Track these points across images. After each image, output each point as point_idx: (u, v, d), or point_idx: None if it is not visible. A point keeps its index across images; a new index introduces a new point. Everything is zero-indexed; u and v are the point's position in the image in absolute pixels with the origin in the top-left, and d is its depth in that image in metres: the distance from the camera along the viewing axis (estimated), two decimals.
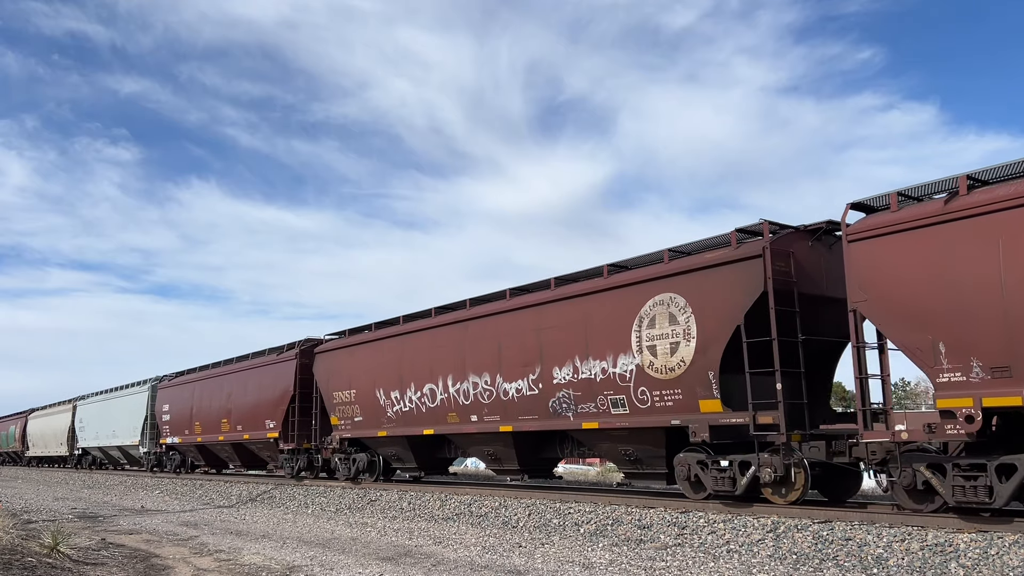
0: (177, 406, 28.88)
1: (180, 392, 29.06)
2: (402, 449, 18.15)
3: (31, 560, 8.74)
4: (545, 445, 15.25)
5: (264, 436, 22.61)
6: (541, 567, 9.14)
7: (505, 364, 14.73)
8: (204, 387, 27.04)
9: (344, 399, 19.41)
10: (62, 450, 42.30)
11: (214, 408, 25.79)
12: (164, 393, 30.48)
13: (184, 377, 29.32)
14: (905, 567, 8.15)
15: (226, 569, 9.54)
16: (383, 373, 18.07)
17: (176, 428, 28.81)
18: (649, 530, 10.93)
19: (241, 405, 24.18)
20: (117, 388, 35.59)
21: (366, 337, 19.11)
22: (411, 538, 12.06)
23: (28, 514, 17.19)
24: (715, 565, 8.94)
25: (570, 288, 13.98)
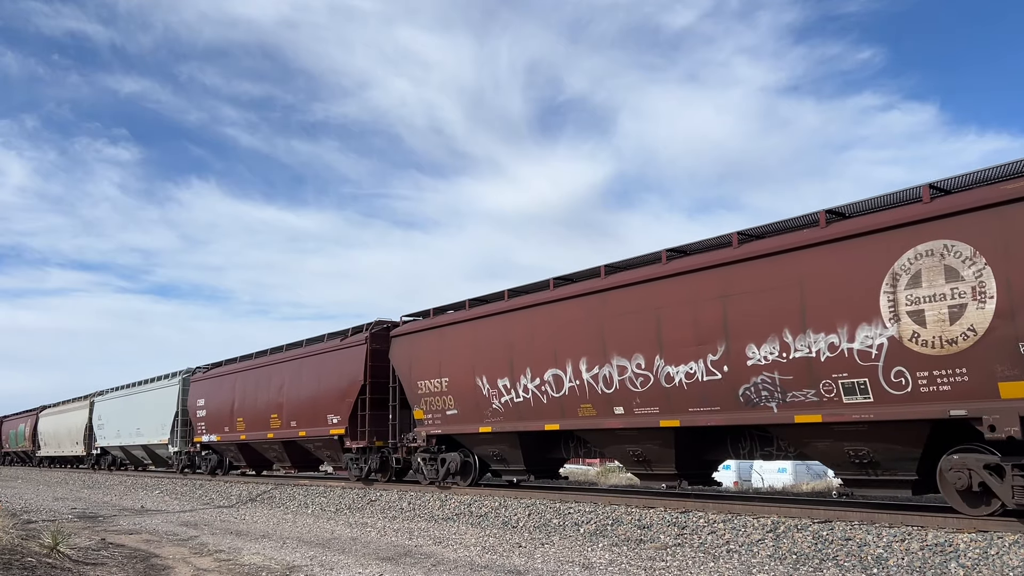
0: (215, 400, 25.82)
1: (218, 385, 25.90)
2: (509, 448, 15.27)
3: (31, 560, 8.74)
4: (715, 445, 12.44)
5: (325, 433, 19.77)
6: (541, 567, 9.14)
7: (668, 342, 11.73)
8: (249, 379, 23.95)
9: (432, 389, 16.60)
10: (77, 450, 39.43)
11: (262, 402, 22.86)
12: (198, 387, 27.31)
13: (223, 368, 26.26)
14: (905, 567, 8.15)
15: (226, 569, 9.53)
16: (486, 358, 15.12)
17: (214, 425, 25.71)
18: (649, 530, 10.92)
19: (296, 398, 21.25)
20: (142, 382, 32.85)
21: (461, 316, 16.09)
22: (411, 538, 12.05)
23: (28, 514, 17.19)
24: (715, 565, 8.94)
25: (771, 243, 10.79)
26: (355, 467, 19.45)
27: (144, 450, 31.76)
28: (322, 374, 20.24)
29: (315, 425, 20.25)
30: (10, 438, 53.13)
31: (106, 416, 35.49)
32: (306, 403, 20.76)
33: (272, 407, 22.20)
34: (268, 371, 23.08)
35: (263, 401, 22.83)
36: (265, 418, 22.54)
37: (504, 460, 15.71)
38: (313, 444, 21.14)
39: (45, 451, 44.97)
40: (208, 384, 26.72)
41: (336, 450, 20.13)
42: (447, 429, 16.39)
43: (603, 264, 13.39)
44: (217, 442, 25.79)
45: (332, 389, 19.69)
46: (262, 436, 22.90)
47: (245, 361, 25.10)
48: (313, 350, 21.06)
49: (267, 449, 23.69)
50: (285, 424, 21.56)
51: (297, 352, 21.95)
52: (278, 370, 22.52)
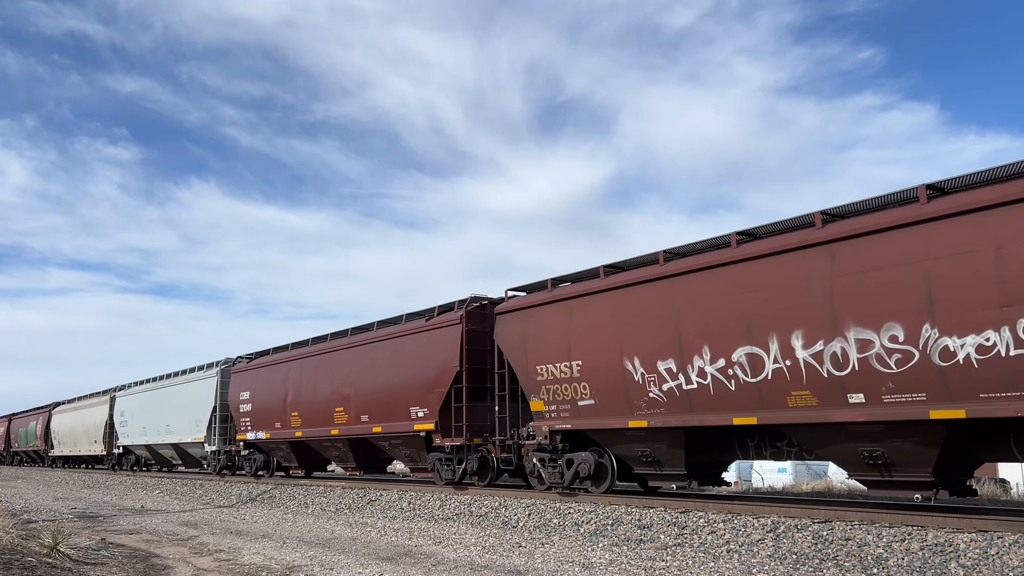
0: (263, 393, 22.79)
1: (267, 376, 22.74)
2: (667, 447, 12.39)
3: (31, 560, 8.74)
4: (998, 444, 9.49)
5: (407, 429, 16.90)
6: (541, 567, 9.14)
7: (947, 305, 8.86)
8: (306, 368, 20.99)
9: (557, 375, 13.75)
10: (96, 448, 36.26)
11: (323, 394, 19.96)
12: (242, 378, 24.23)
13: (272, 357, 23.15)
14: (905, 567, 8.15)
15: (226, 569, 9.53)
16: (640, 335, 12.26)
17: (261, 421, 22.67)
18: (649, 530, 10.92)
19: (368, 389, 18.35)
20: (172, 374, 29.71)
21: (597, 285, 13.25)
22: (411, 538, 12.05)
23: (28, 514, 17.19)
24: (715, 565, 8.94)
25: None
26: (445, 469, 16.41)
27: (174, 449, 28.89)
28: (402, 361, 17.31)
29: (393, 420, 17.39)
30: (20, 437, 50.07)
31: (129, 412, 32.47)
32: (382, 395, 17.89)
33: (337, 399, 19.42)
34: (331, 359, 20.08)
35: (325, 393, 19.93)
36: (327, 412, 19.72)
37: (656, 463, 12.72)
38: (389, 442, 18.16)
39: (59, 450, 41.82)
40: (254, 375, 23.60)
41: (418, 448, 17.37)
42: (579, 423, 13.46)
43: (817, 211, 10.43)
44: (266, 440, 22.68)
45: (416, 378, 16.79)
46: (323, 433, 19.96)
47: (299, 348, 22.03)
48: (389, 333, 18.18)
49: (328, 448, 20.77)
50: (354, 419, 18.76)
51: (368, 336, 18.94)
52: (344, 357, 19.51)
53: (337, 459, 20.98)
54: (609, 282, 13.04)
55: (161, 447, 29.83)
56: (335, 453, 20.79)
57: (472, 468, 15.92)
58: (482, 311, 16.01)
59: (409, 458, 18.10)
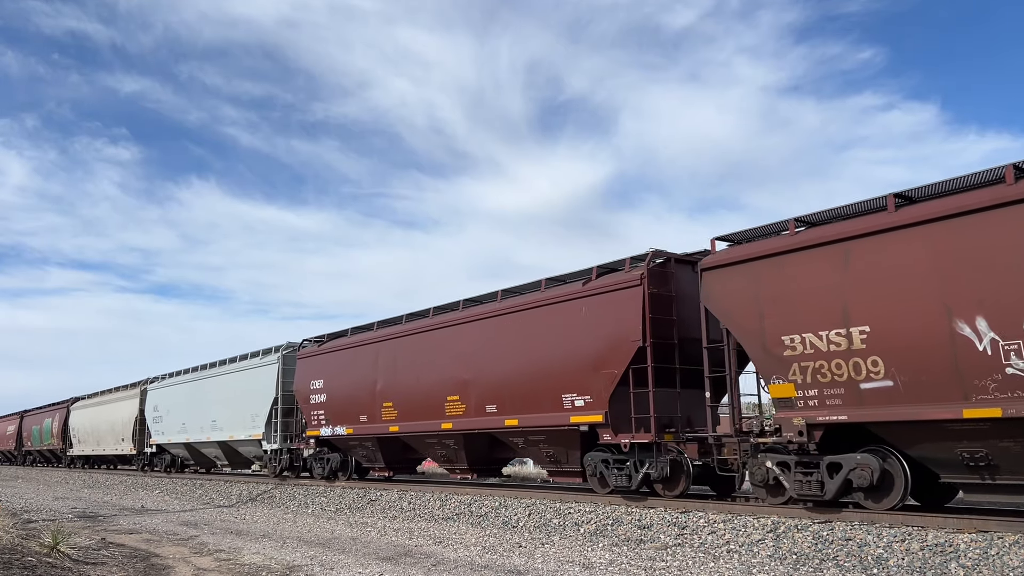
0: (343, 381, 19.39)
1: (348, 361, 19.31)
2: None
3: (31, 560, 8.74)
4: None
5: (560, 422, 13.33)
6: (541, 567, 9.14)
7: None
8: (405, 349, 17.40)
9: (822, 347, 10.12)
10: (123, 448, 32.85)
11: (429, 380, 16.41)
12: (311, 364, 20.75)
13: (353, 338, 19.61)
14: (905, 567, 8.15)
15: (226, 569, 9.54)
16: (988, 284, 8.70)
17: (340, 413, 19.24)
18: (649, 530, 10.92)
19: (497, 373, 14.78)
20: (219, 362, 26.21)
21: (895, 220, 9.58)
22: (411, 538, 12.06)
23: (28, 513, 17.20)
24: (715, 565, 8.94)
25: None
26: (615, 473, 12.75)
27: (221, 448, 25.40)
28: (551, 336, 13.72)
29: (536, 410, 13.86)
30: (33, 435, 46.11)
31: (165, 406, 29.07)
32: (519, 379, 14.31)
33: (449, 387, 15.86)
34: (440, 337, 16.42)
35: (432, 379, 16.36)
36: (435, 402, 16.18)
37: (990, 468, 8.99)
38: (525, 438, 14.45)
39: (79, 449, 38.24)
40: (329, 360, 20.06)
41: (569, 447, 13.69)
42: (860, 414, 9.81)
43: None
44: (347, 436, 19.05)
45: (573, 357, 13.22)
46: (429, 427, 16.35)
47: (392, 325, 18.50)
48: (527, 302, 14.47)
49: (432, 446, 17.00)
50: (474, 410, 15.23)
51: (495, 307, 15.15)
52: (459, 335, 15.87)
53: (445, 459, 17.09)
54: (918, 213, 9.42)
55: (204, 446, 26.45)
56: (441, 452, 16.91)
57: (662, 473, 12.16)
58: (663, 270, 12.66)
59: (552, 459, 14.27)
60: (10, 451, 51.79)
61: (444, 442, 16.46)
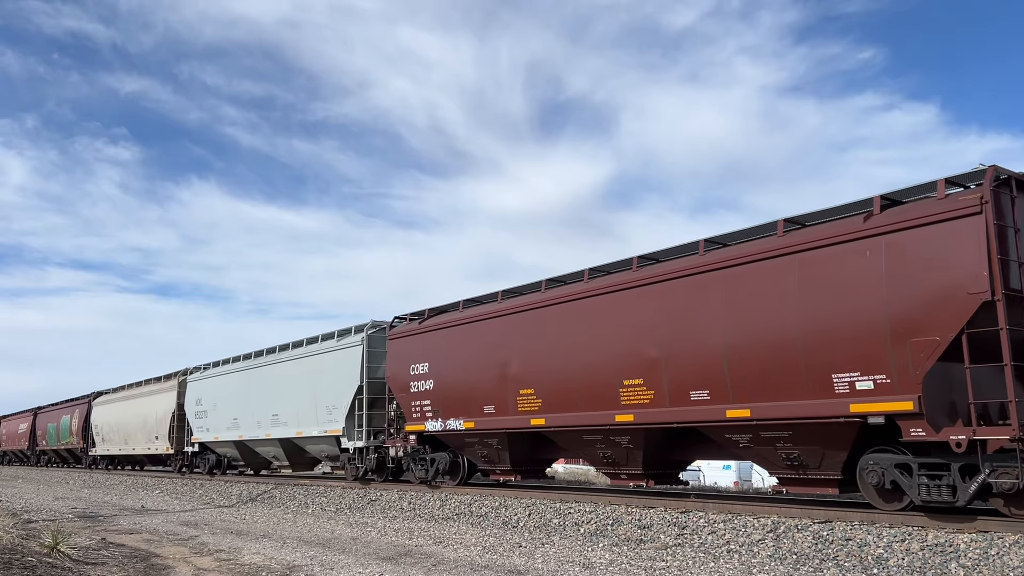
0: (456, 364, 15.85)
1: (465, 338, 15.70)
2: None
3: (31, 560, 8.74)
4: None
5: (834, 411, 9.72)
6: (541, 567, 9.14)
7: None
8: (550, 321, 13.76)
9: None
10: (157, 446, 29.44)
11: (593, 359, 12.86)
12: (409, 345, 17.15)
13: (471, 311, 15.79)
14: (905, 567, 8.15)
15: (226, 569, 9.54)
16: None
17: (454, 404, 15.78)
18: (649, 530, 10.93)
19: (708, 348, 11.17)
20: (284, 347, 22.36)
21: None
22: (411, 538, 12.06)
23: (28, 514, 17.20)
24: (715, 565, 8.94)
25: None
26: (927, 484, 9.13)
27: (283, 447, 21.93)
28: (810, 293, 10.05)
29: (786, 396, 10.26)
30: (49, 434, 42.43)
31: (210, 399, 25.72)
32: (750, 355, 10.69)
33: (627, 367, 12.30)
34: (606, 304, 12.81)
35: (597, 358, 12.84)
36: (605, 388, 12.61)
37: None
38: (755, 434, 10.82)
39: (103, 448, 34.82)
40: (436, 340, 16.50)
41: (834, 446, 10.08)
42: None
43: None
44: (464, 432, 15.50)
45: (852, 320, 9.60)
46: (597, 420, 12.80)
47: (526, 294, 14.77)
48: (755, 252, 10.83)
49: (593, 444, 13.24)
50: (670, 397, 11.66)
51: (694, 263, 11.57)
52: (637, 300, 12.27)
53: (604, 461, 13.31)
54: None
55: (261, 444, 23.00)
56: (603, 452, 13.14)
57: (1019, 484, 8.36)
58: (1006, 193, 8.97)
59: (793, 463, 10.60)
60: (22, 451, 48.39)
61: (614, 439, 12.80)
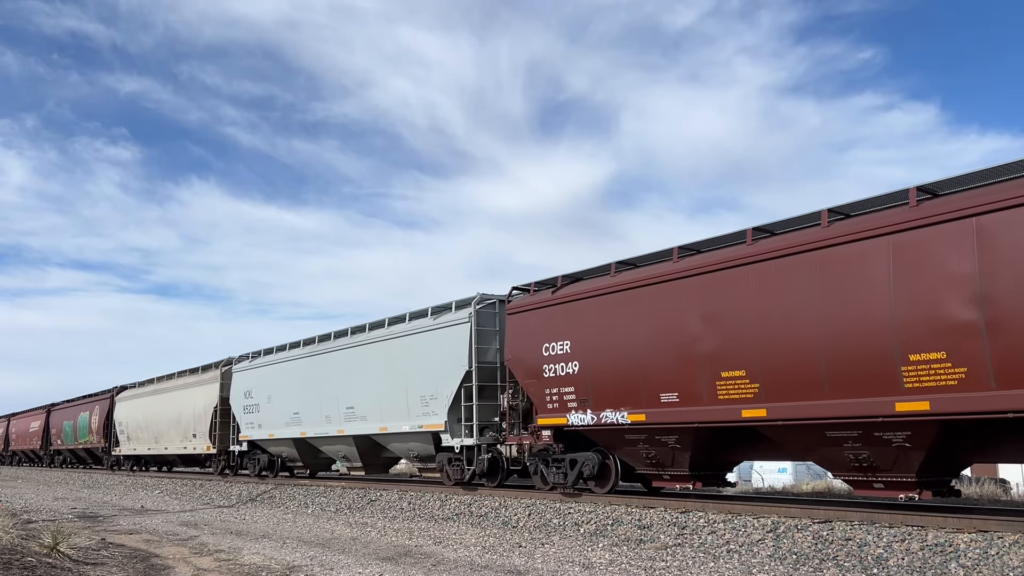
0: (612, 341, 12.53)
1: (624, 309, 12.36)
2: None
3: (31, 560, 8.74)
4: None
5: None
6: (541, 567, 9.14)
7: None
8: (760, 282, 10.52)
9: None
10: (195, 445, 26.15)
11: (841, 327, 9.56)
12: (539, 320, 13.93)
13: (628, 276, 12.54)
14: (905, 567, 8.15)
15: (226, 569, 9.54)
16: None
17: (608, 391, 12.55)
18: (649, 530, 10.93)
19: None
20: (362, 328, 18.98)
21: None
22: (411, 538, 12.06)
23: (28, 514, 17.19)
24: (715, 565, 8.94)
25: None
26: None
27: (358, 445, 18.74)
28: None
29: None
30: (64, 432, 39.36)
31: (263, 391, 22.49)
32: None
33: (919, 335, 8.93)
34: (870, 250, 9.43)
35: (865, 323, 9.39)
36: (876, 364, 9.28)
37: None
38: None
39: (129, 448, 31.97)
40: (579, 312, 13.20)
41: None
42: None
43: None
44: (628, 426, 12.22)
45: None
46: (861, 409, 9.45)
47: (729, 247, 11.27)
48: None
49: (840, 441, 9.94)
50: (998, 374, 8.32)
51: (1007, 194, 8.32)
52: (941, 238, 8.79)
53: (852, 464, 10.01)
54: None
55: (329, 442, 19.87)
56: (856, 452, 9.86)
57: None
58: None
59: None
60: (33, 451, 45.22)
61: (882, 435, 9.52)
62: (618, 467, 13.30)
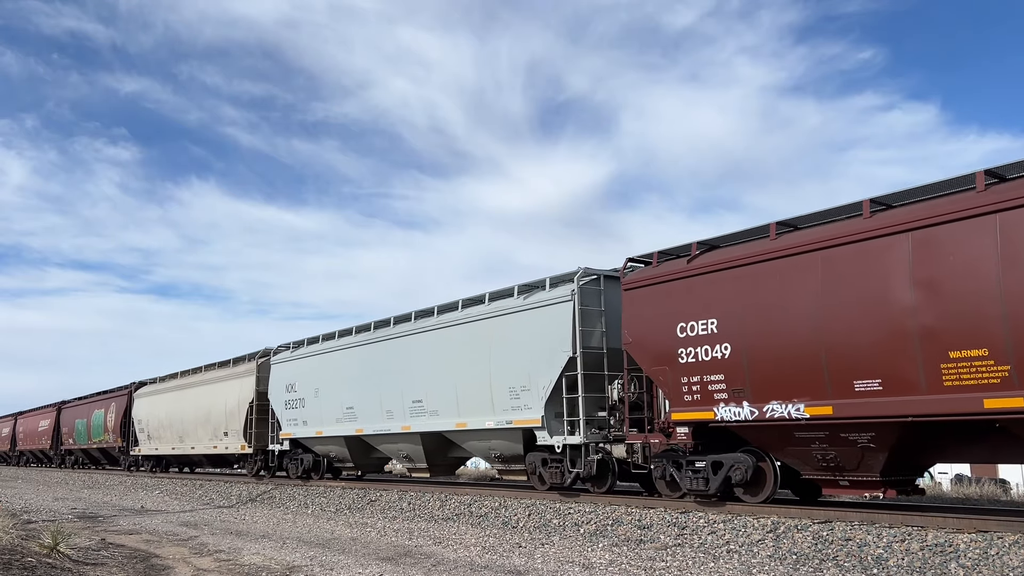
0: (780, 316, 10.24)
1: (792, 277, 10.14)
2: None
3: (31, 560, 8.74)
4: None
5: None
6: (541, 567, 9.14)
7: None
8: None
9: None
10: (227, 444, 24.05)
11: None
12: (672, 294, 11.71)
13: (792, 239, 10.35)
14: (905, 567, 8.15)
15: (226, 569, 9.54)
16: None
17: (770, 379, 10.37)
18: (649, 530, 10.93)
19: None
20: (417, 314, 17.14)
21: None
22: (411, 538, 12.06)
23: (28, 514, 17.19)
24: (715, 565, 8.94)
25: None
26: None
27: (424, 443, 16.77)
28: None
29: None
30: (77, 431, 36.99)
31: (309, 384, 20.32)
32: None
33: None
34: None
35: None
36: None
37: None
38: None
39: (150, 447, 29.75)
40: (732, 282, 10.90)
41: None
42: None
43: None
44: (805, 420, 10.02)
45: None
46: None
47: (954, 194, 9.06)
48: None
49: None
50: None
51: None
52: None
53: None
54: None
55: (390, 440, 17.72)
56: None
57: None
58: None
59: None
60: (43, 451, 42.95)
61: None
62: (775, 472, 11.14)
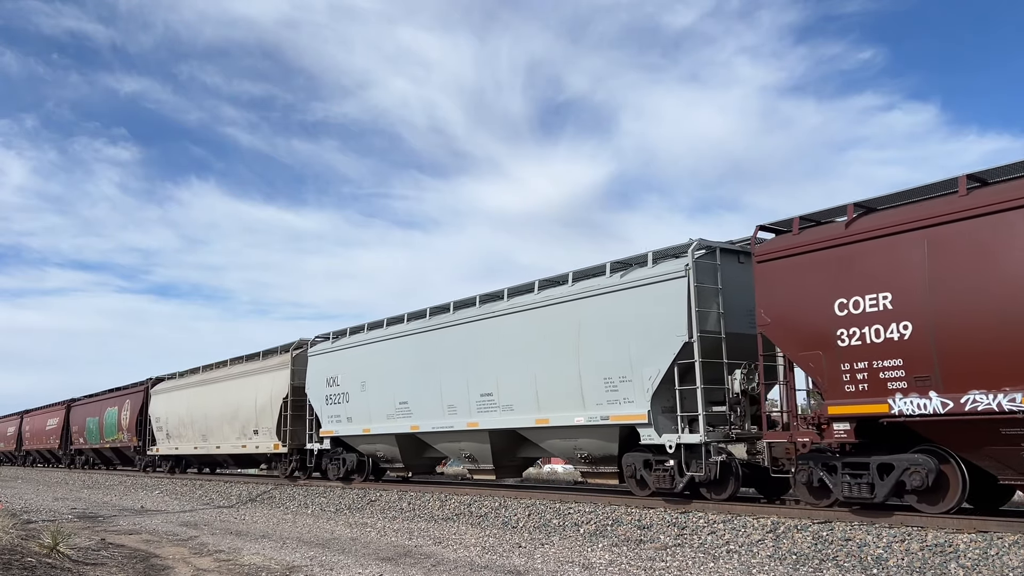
0: (991, 285, 8.34)
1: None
2: None
3: (31, 560, 8.74)
4: None
5: None
6: (541, 567, 9.14)
7: None
8: None
9: None
10: (258, 443, 22.25)
11: None
12: (819, 265, 9.85)
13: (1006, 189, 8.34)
14: (905, 567, 8.15)
15: (226, 569, 9.54)
16: None
17: (971, 363, 8.48)
18: (649, 530, 10.92)
19: None
20: (482, 298, 15.53)
21: None
22: (411, 538, 12.06)
23: (28, 514, 17.20)
24: (715, 565, 8.94)
25: None
26: None
27: (492, 442, 15.17)
28: None
29: None
30: (88, 430, 35.20)
31: (356, 377, 18.52)
32: None
33: None
34: None
35: None
36: None
37: None
38: None
39: (169, 447, 28.00)
40: (913, 247, 9.04)
41: None
42: None
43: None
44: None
45: None
46: None
47: None
48: None
49: None
50: None
51: None
52: None
53: None
54: None
55: (450, 438, 16.09)
56: None
57: None
58: None
59: None
60: (51, 451, 41.19)
61: None
62: (964, 478, 9.25)
